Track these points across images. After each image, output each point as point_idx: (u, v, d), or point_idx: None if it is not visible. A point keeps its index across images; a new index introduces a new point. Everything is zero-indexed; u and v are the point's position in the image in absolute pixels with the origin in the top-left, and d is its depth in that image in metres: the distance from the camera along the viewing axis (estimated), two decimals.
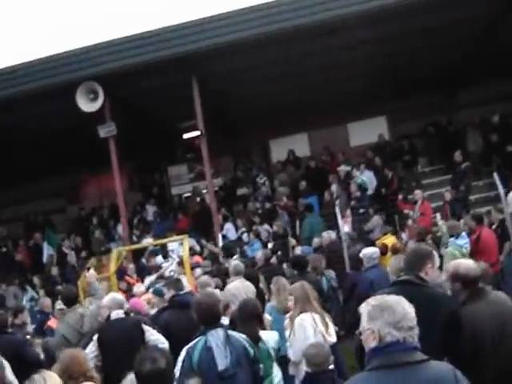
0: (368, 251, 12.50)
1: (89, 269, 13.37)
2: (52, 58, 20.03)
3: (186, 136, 23.11)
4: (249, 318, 7.83)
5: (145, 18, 42.64)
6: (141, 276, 18.17)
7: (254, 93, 22.44)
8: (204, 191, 24.63)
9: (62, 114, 20.59)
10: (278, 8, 18.72)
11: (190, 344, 6.43)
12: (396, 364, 3.72)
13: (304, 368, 7.49)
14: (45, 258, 22.93)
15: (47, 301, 14.66)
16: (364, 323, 3.92)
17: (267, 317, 8.86)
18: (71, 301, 10.19)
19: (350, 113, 24.75)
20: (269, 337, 7.79)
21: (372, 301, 3.98)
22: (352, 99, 23.08)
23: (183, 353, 6.38)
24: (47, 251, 23.14)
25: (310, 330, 7.88)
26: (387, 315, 3.80)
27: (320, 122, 24.78)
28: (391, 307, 3.84)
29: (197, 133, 20.71)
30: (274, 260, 17.49)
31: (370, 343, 3.85)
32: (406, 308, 3.86)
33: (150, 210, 24.29)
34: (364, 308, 3.97)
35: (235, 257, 16.36)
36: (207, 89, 20.18)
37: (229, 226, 21.33)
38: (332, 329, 8.23)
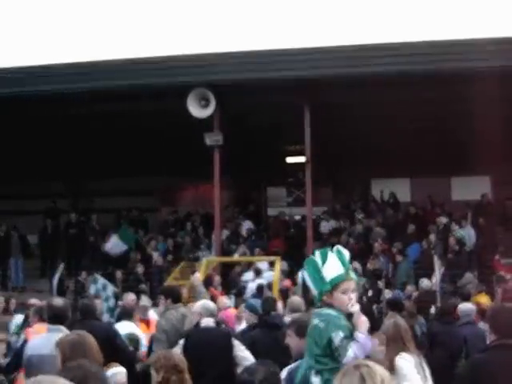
0: (465, 307, 12.09)
1: (193, 272, 13.28)
2: (170, 59, 20.24)
3: (289, 160, 22.96)
4: None
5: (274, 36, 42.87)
6: (225, 289, 18.06)
7: (364, 130, 22.14)
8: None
9: (171, 115, 20.72)
10: (404, 50, 18.65)
11: (292, 365, 6.26)
12: None
13: None
14: (110, 250, 22.91)
15: (131, 296, 14.43)
16: None
17: None
18: (177, 298, 10.08)
19: (455, 167, 24.28)
20: None
21: None
22: (459, 153, 22.53)
23: (284, 374, 6.20)
24: (120, 246, 23.06)
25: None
26: None
27: (424, 170, 24.48)
28: None
29: (302, 159, 20.53)
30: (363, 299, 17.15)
31: None
32: None
33: (245, 226, 24.18)
34: None
35: None
36: (319, 117, 19.94)
37: None
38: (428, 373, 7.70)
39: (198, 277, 11.27)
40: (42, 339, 7.52)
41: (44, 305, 9.72)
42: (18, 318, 14.04)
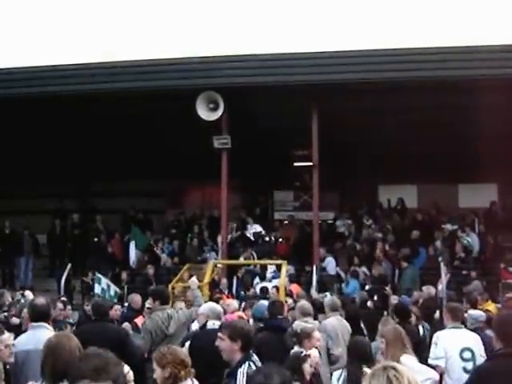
0: (475, 313, 11.95)
1: (191, 276, 13.32)
2: (179, 61, 20.33)
3: (296, 164, 22.99)
4: (351, 356, 7.79)
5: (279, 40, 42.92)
6: (231, 292, 18.10)
7: (372, 136, 22.19)
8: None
9: (180, 117, 20.68)
10: (411, 56, 18.80)
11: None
12: None
13: None
14: (131, 259, 22.83)
15: (138, 297, 14.48)
16: None
17: None
18: (165, 300, 10.38)
19: (462, 174, 24.25)
20: None
21: None
22: (466, 160, 22.49)
23: None
24: (134, 252, 23.01)
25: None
26: None
27: (431, 177, 24.39)
28: None
29: (309, 163, 20.55)
30: (370, 304, 17.11)
31: None
32: None
33: (251, 230, 24.09)
34: None
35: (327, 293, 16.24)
36: (327, 122, 19.96)
37: (330, 259, 21.06)
38: None
39: (195, 281, 11.37)
40: (27, 335, 7.70)
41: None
42: None
